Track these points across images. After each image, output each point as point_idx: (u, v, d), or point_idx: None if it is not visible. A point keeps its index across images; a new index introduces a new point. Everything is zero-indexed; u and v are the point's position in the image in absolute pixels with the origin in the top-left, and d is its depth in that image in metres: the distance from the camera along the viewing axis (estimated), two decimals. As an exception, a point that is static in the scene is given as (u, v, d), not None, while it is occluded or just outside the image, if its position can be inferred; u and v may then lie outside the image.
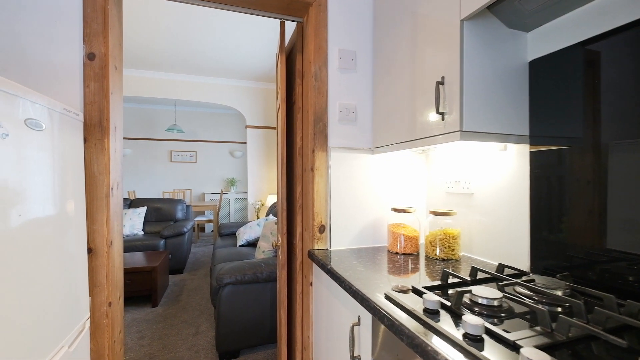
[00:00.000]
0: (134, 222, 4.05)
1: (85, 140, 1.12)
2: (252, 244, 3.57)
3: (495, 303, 0.70)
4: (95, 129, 1.13)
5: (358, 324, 0.90)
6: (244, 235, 3.53)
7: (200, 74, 4.67)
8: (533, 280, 0.82)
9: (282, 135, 1.50)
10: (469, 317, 0.60)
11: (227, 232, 4.03)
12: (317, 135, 1.36)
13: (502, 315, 0.69)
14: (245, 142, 7.12)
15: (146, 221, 4.28)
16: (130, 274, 2.86)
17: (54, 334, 0.90)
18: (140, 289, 2.89)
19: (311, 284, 1.38)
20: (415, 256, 1.24)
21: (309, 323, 1.40)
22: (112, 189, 1.17)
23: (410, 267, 1.10)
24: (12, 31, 1.07)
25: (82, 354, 1.07)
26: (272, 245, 2.58)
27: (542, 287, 0.77)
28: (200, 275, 3.79)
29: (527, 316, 0.69)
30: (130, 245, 3.66)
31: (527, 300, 0.69)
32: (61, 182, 0.96)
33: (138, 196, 6.38)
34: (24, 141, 0.78)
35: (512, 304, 0.74)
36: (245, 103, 5.01)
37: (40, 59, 1.10)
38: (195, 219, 5.61)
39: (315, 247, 1.35)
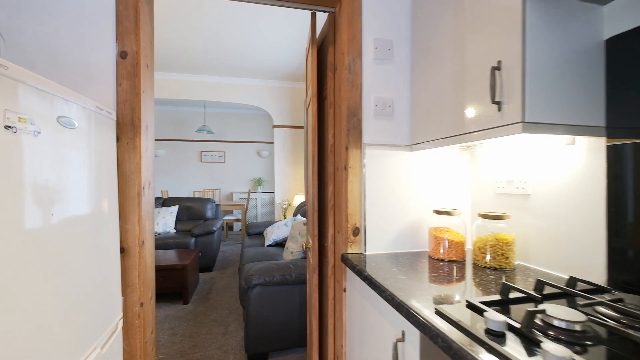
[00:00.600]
0: (166, 221, 4.18)
1: (117, 139, 1.11)
2: (280, 244, 3.54)
3: (578, 327, 0.58)
4: (127, 128, 1.12)
5: (402, 339, 0.81)
6: (272, 235, 3.51)
7: (228, 75, 4.74)
8: (621, 300, 0.69)
9: (312, 132, 1.43)
10: (550, 346, 0.49)
11: (255, 232, 4.05)
12: (350, 131, 1.28)
13: (587, 343, 0.57)
14: (271, 142, 7.17)
15: (178, 219, 4.40)
16: (162, 271, 2.92)
17: (87, 335, 0.89)
18: (172, 287, 2.95)
19: (344, 290, 1.30)
20: (461, 263, 1.12)
21: (342, 331, 1.32)
22: (143, 188, 1.16)
23: (456, 276, 0.98)
24: (44, 32, 1.08)
25: (115, 356, 1.06)
26: (302, 247, 2.53)
27: (633, 309, 0.64)
28: (229, 274, 3.83)
29: (615, 344, 0.56)
30: (162, 243, 3.77)
31: (616, 325, 0.57)
32: (96, 180, 0.95)
33: (171, 195, 6.61)
34: (58, 139, 0.76)
35: (596, 327, 0.61)
36: (272, 103, 5.02)
37: (74, 59, 1.11)
38: (224, 218, 5.72)
39: (349, 251, 1.27)
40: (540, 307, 0.64)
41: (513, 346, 0.55)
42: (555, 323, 0.60)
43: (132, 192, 1.12)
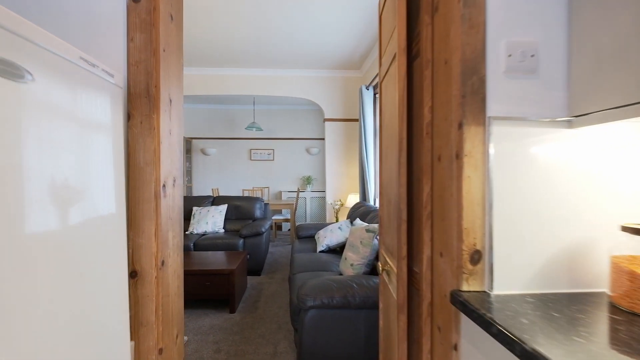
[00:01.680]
0: (215, 220, 4.04)
1: (129, 117, 0.78)
2: (333, 250, 3.15)
3: None
4: (141, 101, 0.78)
5: None
6: (324, 239, 3.13)
7: (276, 67, 4.47)
8: None
9: (401, 104, 0.98)
10: None
11: (306, 235, 3.70)
12: (466, 98, 0.81)
13: None
14: (322, 138, 6.83)
15: (227, 219, 4.26)
16: (208, 276, 2.71)
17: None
18: (218, 293, 2.72)
19: (455, 348, 0.84)
20: None
21: (448, 409, 0.86)
22: (164, 186, 0.82)
23: None
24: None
25: None
26: (366, 259, 2.09)
27: None
28: (278, 280, 3.54)
29: None
30: (211, 244, 3.61)
31: None
32: (82, 171, 0.62)
33: (221, 194, 6.63)
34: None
35: None
36: (322, 95, 4.65)
37: (78, 9, 0.80)
38: (273, 218, 5.51)
39: (464, 287, 0.80)
40: None
41: None
42: None
43: (147, 191, 0.78)
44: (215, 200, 4.39)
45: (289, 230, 6.51)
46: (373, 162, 3.99)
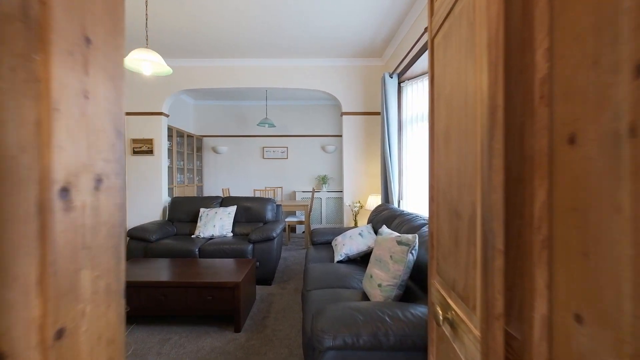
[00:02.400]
0: (223, 223, 3.72)
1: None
2: (353, 261, 2.75)
3: None
4: (10, 29, 0.41)
5: None
6: (343, 247, 2.73)
7: (289, 57, 4.10)
8: None
9: (494, 45, 0.57)
10: None
11: (321, 241, 3.32)
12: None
13: None
14: (338, 135, 6.43)
15: (236, 221, 3.93)
16: (211, 289, 2.37)
17: None
18: (222, 308, 2.38)
19: None
20: None
21: None
22: (64, 190, 0.44)
23: None
24: None
25: None
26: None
27: None
28: (291, 291, 3.18)
29: None
30: (218, 249, 3.28)
31: None
32: None
33: (232, 194, 6.35)
34: None
35: None
36: (340, 86, 4.24)
37: None
38: (286, 220, 5.15)
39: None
40: None
41: None
42: None
43: (23, 201, 0.41)
44: (224, 201, 4.07)
45: (304, 232, 6.15)
46: (397, 159, 3.55)
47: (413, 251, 1.64)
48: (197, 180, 6.07)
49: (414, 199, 3.37)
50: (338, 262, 2.69)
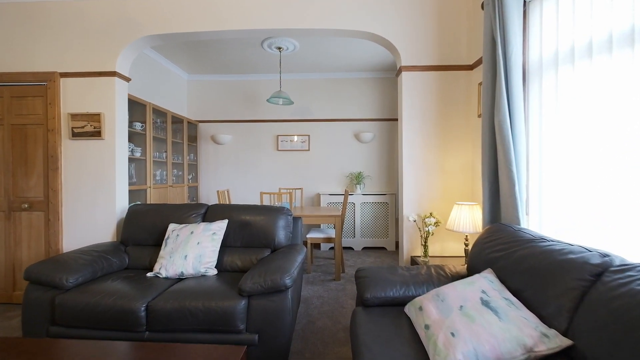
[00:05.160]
0: (203, 250, 2.16)
1: None
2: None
3: None
4: None
5: None
6: (457, 341, 1.07)
7: (317, -25, 2.49)
8: None
9: None
10: None
11: (379, 297, 1.66)
12: None
13: None
14: (377, 119, 4.76)
15: (226, 246, 2.37)
16: None
17: None
18: None
19: None
20: None
21: None
22: None
23: None
24: None
25: None
26: None
27: None
28: (320, 402, 1.56)
29: None
30: (181, 310, 1.71)
31: None
32: None
33: (233, 197, 4.82)
34: None
35: None
36: (398, 24, 2.58)
37: None
38: (308, 236, 3.56)
39: None
40: None
41: None
42: None
43: None
44: (210, 213, 2.51)
45: (332, 248, 4.53)
46: (525, 137, 1.85)
47: None
48: (190, 178, 4.60)
49: (562, 214, 1.68)
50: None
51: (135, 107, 3.33)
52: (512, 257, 1.45)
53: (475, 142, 2.49)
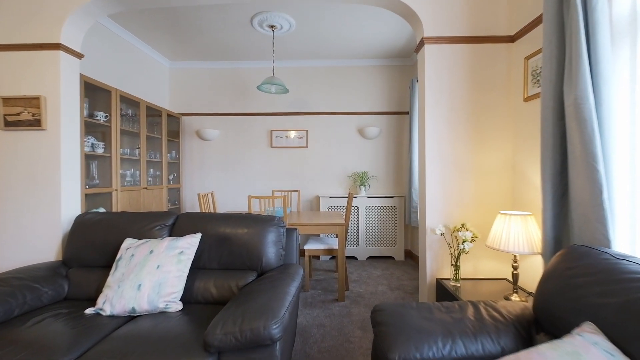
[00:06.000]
0: (162, 278, 1.60)
1: None
2: None
3: None
4: None
5: None
6: None
7: None
8: None
9: None
10: None
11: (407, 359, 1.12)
12: None
13: None
14: (385, 112, 4.21)
15: (198, 268, 1.81)
16: None
17: None
18: None
19: None
20: None
21: None
22: None
23: None
24: None
25: None
26: None
27: None
28: None
29: None
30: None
31: None
32: None
33: (220, 201, 4.25)
34: None
35: None
36: (418, -16, 2.04)
37: None
38: (305, 247, 3.01)
39: None
40: None
41: None
42: None
43: None
44: (178, 224, 1.95)
45: (334, 257, 3.98)
46: (614, 121, 1.30)
47: None
48: (171, 179, 4.04)
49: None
50: None
51: (98, 94, 2.77)
52: (626, 306, 0.91)
53: (518, 133, 1.95)
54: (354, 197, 4.01)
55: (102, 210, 2.75)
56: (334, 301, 2.79)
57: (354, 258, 4.10)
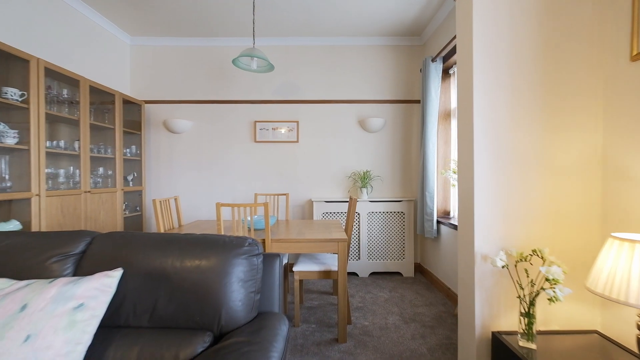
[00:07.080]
0: (35, 358, 0.87)
1: None
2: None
3: None
4: None
5: None
6: None
7: None
8: None
9: None
10: None
11: None
12: None
13: None
14: (390, 101, 3.55)
15: (119, 326, 1.10)
16: None
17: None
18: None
19: None
20: None
21: None
22: None
23: None
24: None
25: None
26: None
27: None
28: None
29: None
30: None
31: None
32: None
33: (192, 208, 3.51)
34: None
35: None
36: None
37: None
38: (295, 269, 2.32)
39: None
40: None
41: None
42: None
43: None
44: (92, 253, 1.23)
45: (333, 279, 3.28)
46: None
47: None
48: (131, 180, 3.28)
49: None
50: None
51: (10, 63, 2.02)
52: None
53: (615, 111, 1.29)
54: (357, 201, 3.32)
55: (15, 223, 2.00)
56: (332, 342, 2.10)
57: (354, 274, 3.42)
